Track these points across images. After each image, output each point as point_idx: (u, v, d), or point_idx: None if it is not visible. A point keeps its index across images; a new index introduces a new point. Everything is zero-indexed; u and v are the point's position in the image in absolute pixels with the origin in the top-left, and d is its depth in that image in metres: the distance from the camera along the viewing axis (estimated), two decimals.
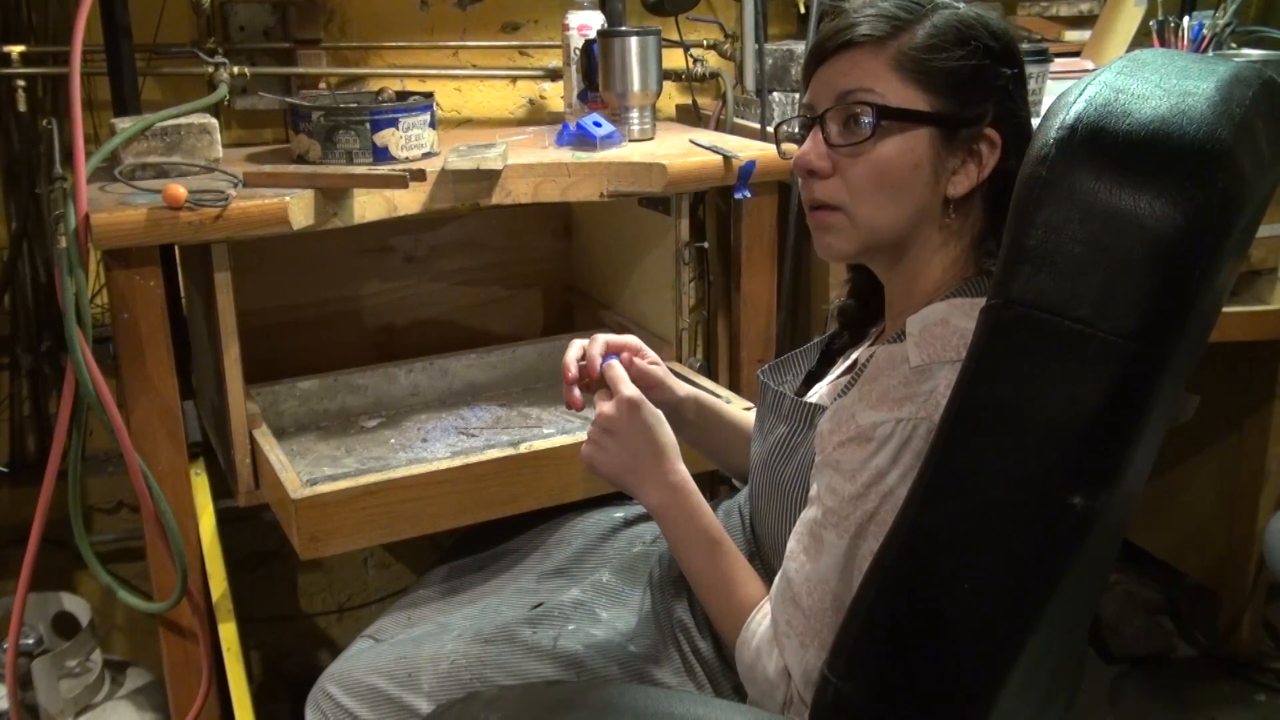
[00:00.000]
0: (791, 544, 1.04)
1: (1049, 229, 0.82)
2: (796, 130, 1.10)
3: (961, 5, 1.03)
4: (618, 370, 1.17)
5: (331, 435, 1.71)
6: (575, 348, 1.22)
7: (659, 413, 1.14)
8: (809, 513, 1.03)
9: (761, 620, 1.05)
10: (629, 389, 1.14)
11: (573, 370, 1.21)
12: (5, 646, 1.50)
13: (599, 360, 1.21)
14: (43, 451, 1.90)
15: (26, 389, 1.89)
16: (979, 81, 1.00)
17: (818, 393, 1.15)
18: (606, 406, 1.14)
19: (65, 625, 1.73)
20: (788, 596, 1.02)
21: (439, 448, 1.65)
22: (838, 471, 1.00)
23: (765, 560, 1.15)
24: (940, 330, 0.99)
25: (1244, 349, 1.92)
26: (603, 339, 1.22)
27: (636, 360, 1.24)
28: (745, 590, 1.09)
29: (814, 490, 1.03)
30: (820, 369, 1.22)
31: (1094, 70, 0.91)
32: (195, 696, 1.52)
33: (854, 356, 1.16)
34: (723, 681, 1.15)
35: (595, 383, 1.21)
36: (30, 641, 1.65)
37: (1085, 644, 1.58)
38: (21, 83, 1.72)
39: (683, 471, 1.13)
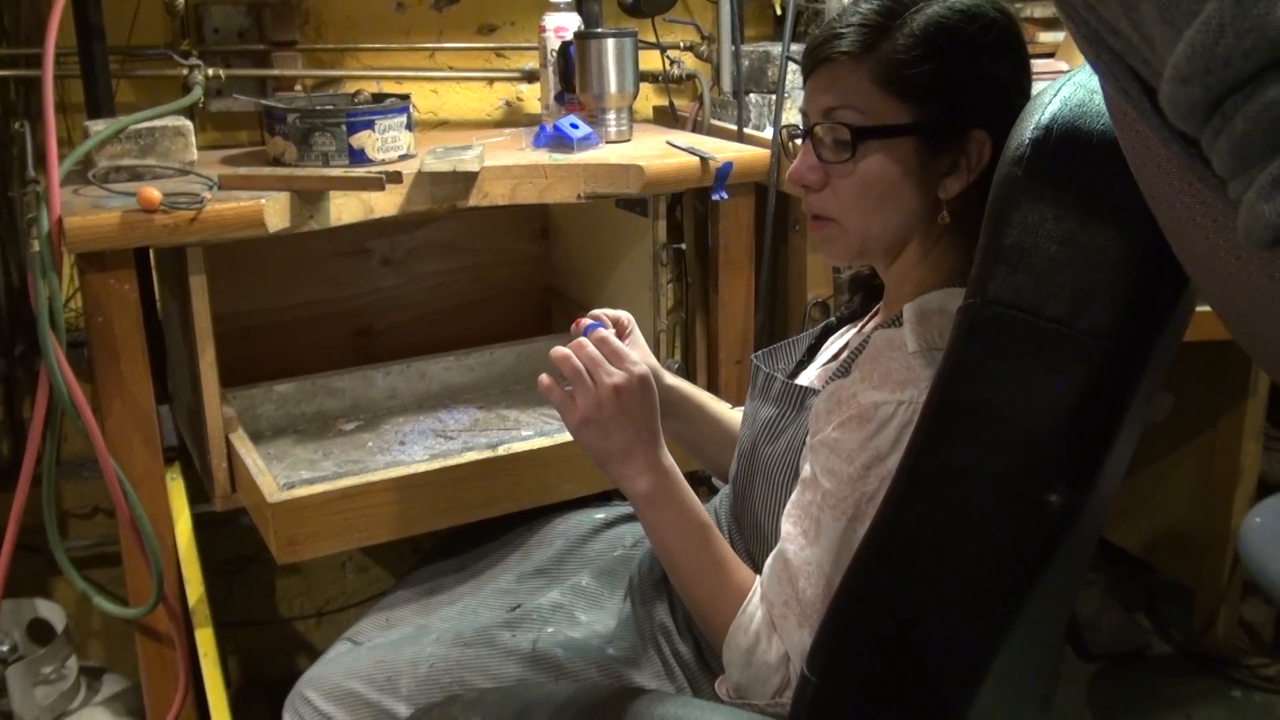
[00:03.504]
0: (788, 526, 1.03)
1: (1025, 229, 0.83)
2: (799, 133, 1.09)
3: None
4: (615, 344, 1.07)
5: (309, 439, 1.70)
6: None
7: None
8: (805, 495, 1.02)
9: (759, 605, 1.04)
10: (640, 366, 1.06)
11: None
12: None
13: (606, 320, 1.17)
14: (16, 457, 1.88)
15: (0, 394, 1.88)
16: (961, 83, 0.99)
17: (807, 377, 1.15)
18: (609, 381, 1.04)
19: (40, 632, 1.72)
20: (784, 578, 1.01)
21: (417, 450, 1.64)
22: (836, 453, 0.99)
23: (749, 551, 1.14)
24: (938, 319, 0.99)
25: (1217, 348, 1.93)
26: (602, 314, 1.19)
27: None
28: (739, 575, 1.07)
29: (807, 472, 1.02)
30: (808, 359, 1.22)
31: (1068, 71, 0.92)
32: (172, 702, 1.51)
33: (845, 340, 1.17)
34: (703, 684, 1.15)
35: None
36: (5, 649, 1.64)
37: (1062, 642, 1.59)
38: None
39: (669, 456, 1.08)
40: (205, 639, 1.48)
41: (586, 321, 1.11)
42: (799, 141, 1.07)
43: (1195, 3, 0.43)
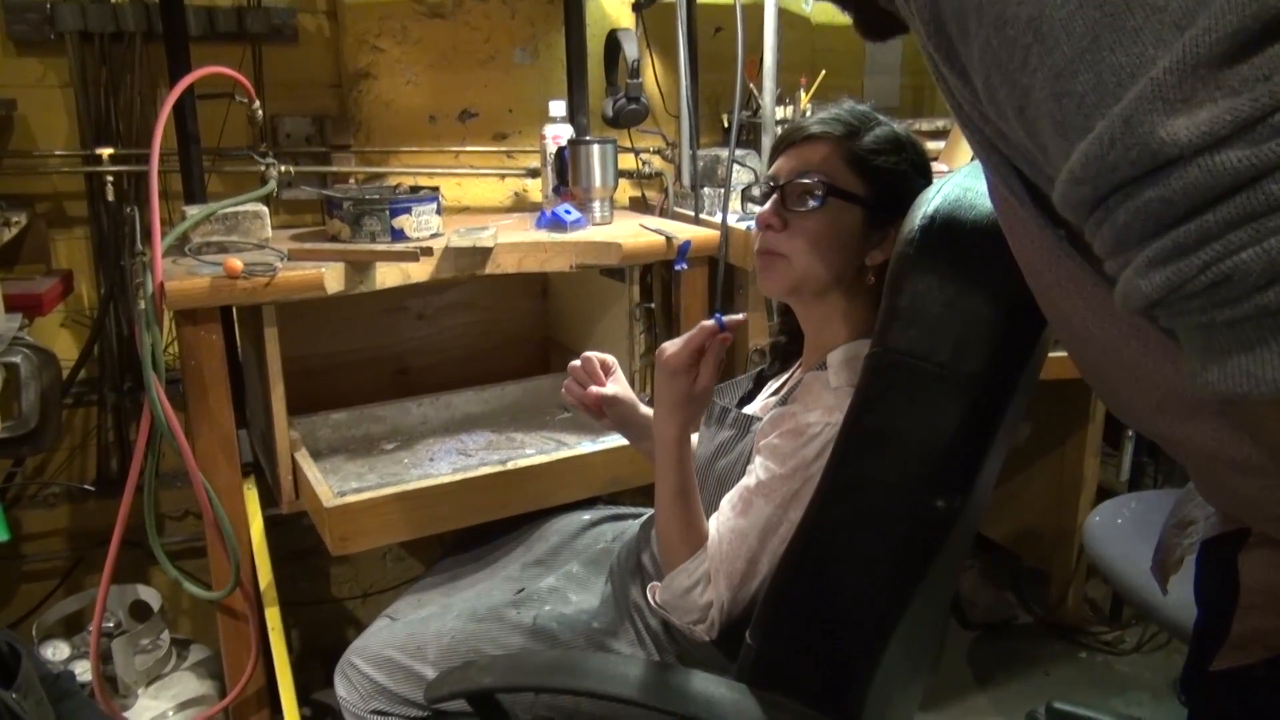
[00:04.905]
0: (724, 506, 1.03)
1: (915, 294, 0.83)
2: (758, 195, 1.12)
3: (897, 124, 1.06)
4: (717, 360, 1.04)
5: (357, 456, 1.69)
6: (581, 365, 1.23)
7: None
8: (745, 483, 1.02)
9: (706, 562, 1.02)
10: (711, 378, 1.04)
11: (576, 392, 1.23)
12: (91, 629, 1.46)
13: (594, 361, 1.23)
14: (123, 470, 1.86)
15: (111, 420, 1.85)
16: (902, 182, 1.03)
17: (751, 409, 1.15)
18: (704, 378, 1.02)
19: (140, 611, 1.69)
20: (718, 545, 1.01)
21: (443, 466, 1.63)
22: (774, 455, 1.00)
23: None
24: (855, 363, 1.00)
25: (1065, 385, 1.95)
26: (591, 356, 1.23)
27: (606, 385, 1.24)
28: (702, 529, 1.04)
29: (750, 469, 1.02)
30: (751, 393, 1.23)
31: (948, 173, 0.93)
32: (246, 667, 1.48)
33: (782, 380, 1.17)
34: (668, 651, 1.14)
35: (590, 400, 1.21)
36: (111, 624, 1.61)
37: (948, 614, 1.59)
38: (110, 177, 1.71)
39: (693, 438, 1.05)
40: (273, 616, 1.46)
41: (718, 320, 1.05)
42: (753, 200, 1.09)
43: (1087, 120, 0.43)
